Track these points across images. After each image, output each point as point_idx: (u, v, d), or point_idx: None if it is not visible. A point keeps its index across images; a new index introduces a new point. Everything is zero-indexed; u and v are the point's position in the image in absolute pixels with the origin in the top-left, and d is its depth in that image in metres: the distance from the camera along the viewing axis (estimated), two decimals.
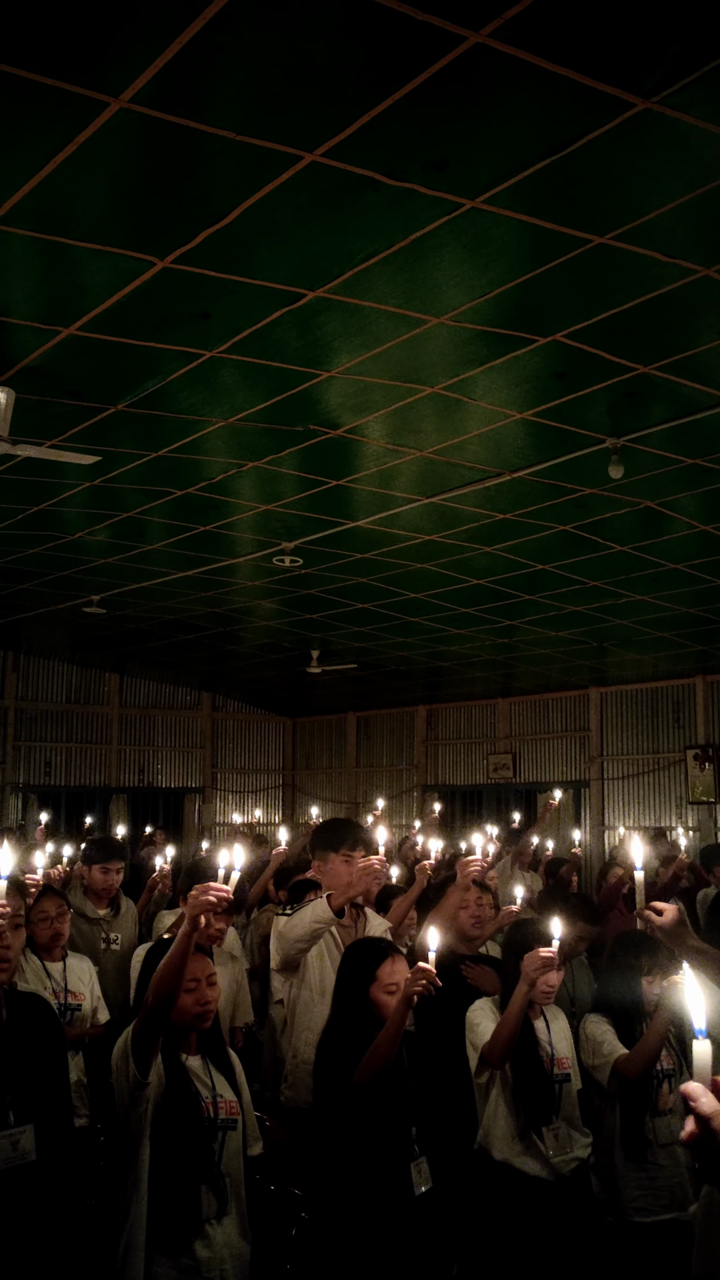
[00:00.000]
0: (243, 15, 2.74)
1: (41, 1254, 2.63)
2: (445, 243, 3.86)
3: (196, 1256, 2.94)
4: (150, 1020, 2.95)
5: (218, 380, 5.08)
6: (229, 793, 15.42)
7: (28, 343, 4.61)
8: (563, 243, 3.85)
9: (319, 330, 4.57)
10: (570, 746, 13.23)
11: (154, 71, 2.93)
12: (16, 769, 13.78)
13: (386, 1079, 3.26)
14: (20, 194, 3.48)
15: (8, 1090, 2.65)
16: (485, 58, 2.86)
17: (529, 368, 4.90)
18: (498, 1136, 3.77)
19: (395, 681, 13.64)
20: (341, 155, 3.30)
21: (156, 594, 9.71)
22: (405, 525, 7.42)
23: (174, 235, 3.77)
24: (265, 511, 7.21)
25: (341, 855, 4.35)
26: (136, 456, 6.13)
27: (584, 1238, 3.72)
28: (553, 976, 3.78)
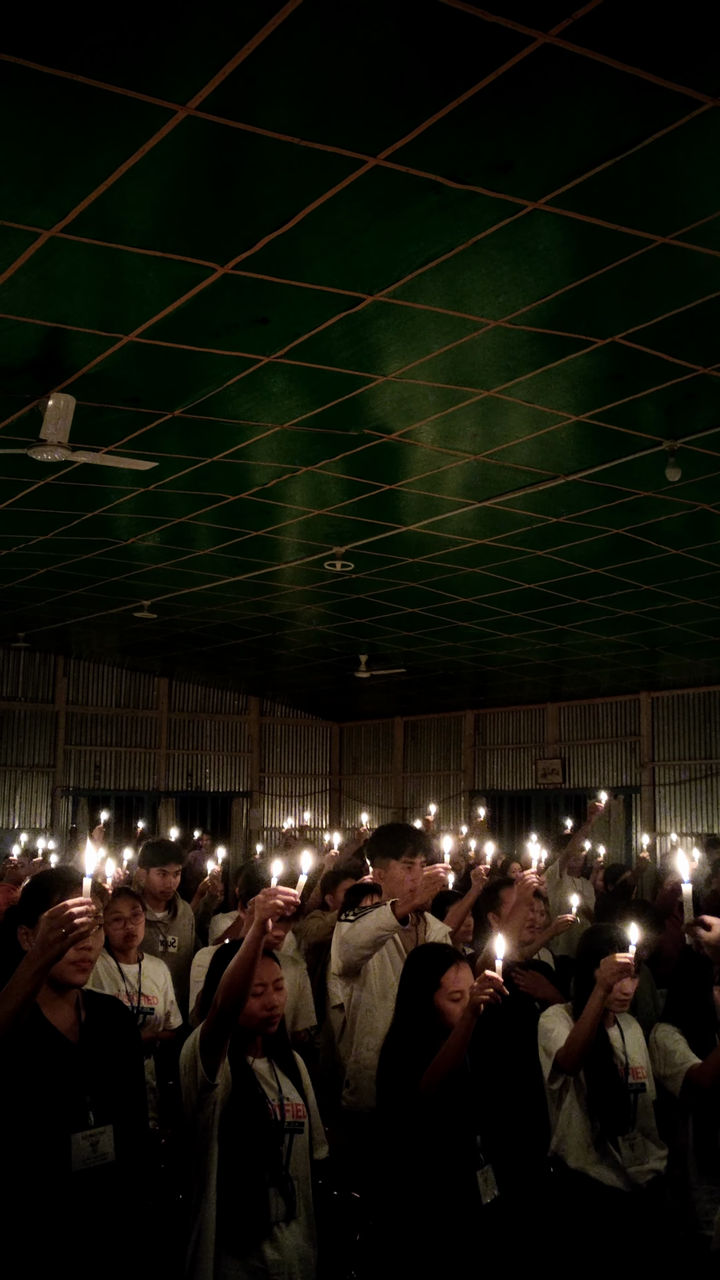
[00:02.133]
0: (308, 21, 2.75)
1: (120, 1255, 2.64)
2: (504, 245, 3.85)
3: (265, 1259, 2.94)
4: (219, 1023, 2.96)
5: (273, 386, 5.10)
6: (276, 797, 15.46)
7: (88, 350, 4.65)
8: (624, 243, 3.82)
9: (375, 335, 4.57)
10: (620, 752, 13.12)
11: (220, 79, 2.95)
12: (67, 772, 13.90)
13: (451, 1087, 3.24)
14: (85, 203, 3.52)
15: (88, 1091, 2.67)
16: (553, 58, 2.85)
17: (586, 370, 4.87)
18: (573, 1145, 3.73)
19: (443, 686, 13.61)
20: (405, 159, 3.30)
21: (206, 599, 9.76)
22: (456, 529, 7.40)
23: (235, 241, 3.78)
24: (316, 516, 7.22)
25: (403, 862, 4.33)
26: (190, 462, 6.17)
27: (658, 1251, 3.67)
28: (628, 984, 3.74)
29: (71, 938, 2.42)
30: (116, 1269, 2.62)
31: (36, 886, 2.81)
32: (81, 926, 2.41)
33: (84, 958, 2.70)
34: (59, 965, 2.62)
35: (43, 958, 2.42)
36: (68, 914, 2.40)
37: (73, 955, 2.64)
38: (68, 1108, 2.63)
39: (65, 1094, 2.63)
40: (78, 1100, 2.64)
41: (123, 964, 4.60)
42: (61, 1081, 2.64)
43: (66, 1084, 2.64)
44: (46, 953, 2.42)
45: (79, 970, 2.70)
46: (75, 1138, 2.61)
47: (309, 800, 15.68)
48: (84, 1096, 2.65)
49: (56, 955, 2.44)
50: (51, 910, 2.43)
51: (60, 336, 4.51)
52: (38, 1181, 2.56)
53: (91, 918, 2.42)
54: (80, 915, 2.40)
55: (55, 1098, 2.61)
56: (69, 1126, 2.61)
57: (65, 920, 2.39)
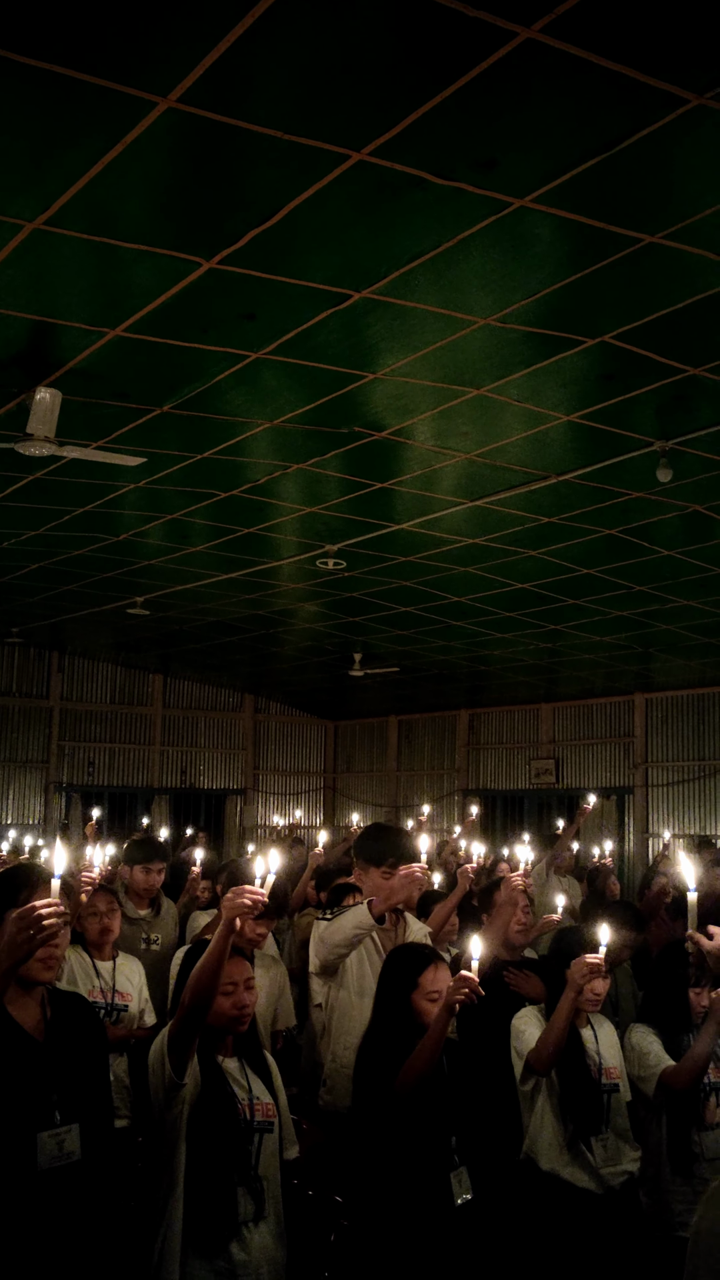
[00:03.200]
0: (290, 13, 2.73)
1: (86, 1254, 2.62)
2: (492, 243, 3.83)
3: (233, 1259, 2.92)
4: (186, 1022, 2.93)
5: (263, 382, 5.08)
6: (270, 795, 15.44)
7: (75, 344, 4.63)
8: (612, 242, 3.80)
9: (364, 331, 4.55)
10: (614, 752, 13.11)
11: (201, 71, 2.93)
12: (60, 768, 13.89)
13: (427, 1087, 3.23)
14: (68, 195, 3.50)
15: (54, 1090, 2.65)
16: (537, 54, 2.83)
17: (576, 369, 4.85)
18: (544, 1146, 3.72)
19: (437, 685, 13.59)
20: (389, 154, 3.28)
21: (200, 596, 9.75)
22: (449, 528, 7.38)
23: (220, 236, 3.76)
24: (309, 514, 7.21)
25: (382, 871, 4.31)
26: (182, 458, 6.15)
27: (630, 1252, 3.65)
28: (599, 984, 3.72)
29: (40, 939, 2.39)
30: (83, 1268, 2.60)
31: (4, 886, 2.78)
32: (50, 928, 2.38)
33: (51, 955, 2.68)
34: (28, 964, 2.60)
35: (10, 959, 2.41)
36: (36, 915, 2.37)
37: (40, 953, 2.62)
38: (33, 1106, 2.61)
39: (31, 1092, 2.61)
40: (44, 1099, 2.62)
41: (98, 960, 4.58)
42: (27, 1080, 2.62)
43: (32, 1082, 2.62)
44: (14, 954, 2.40)
45: (46, 968, 2.68)
46: (41, 1136, 2.59)
47: (303, 799, 15.67)
48: (50, 1095, 2.62)
49: (24, 957, 2.42)
50: (19, 911, 2.40)
51: (46, 330, 4.50)
52: (3, 1180, 2.53)
53: (60, 918, 2.40)
54: (49, 916, 2.37)
55: (21, 1096, 2.59)
56: (35, 1125, 2.59)
57: (33, 921, 2.37)
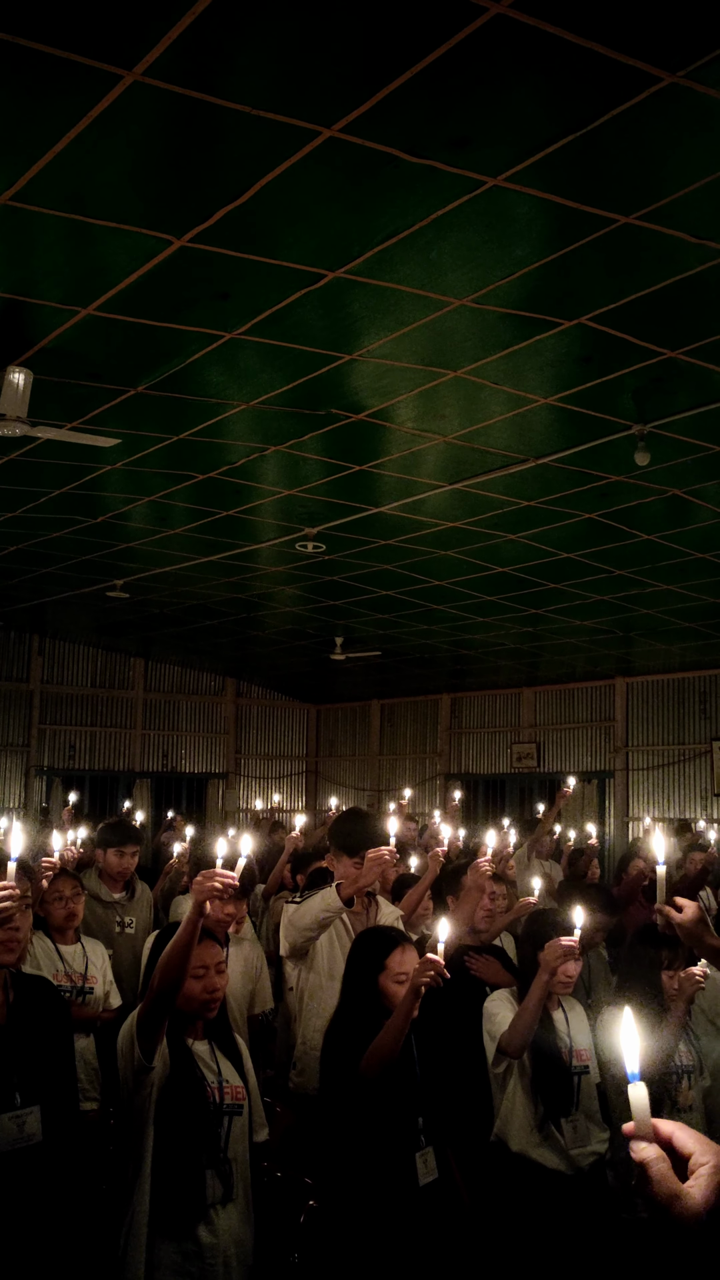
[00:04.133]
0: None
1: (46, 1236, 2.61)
2: (467, 222, 3.79)
3: (200, 1241, 2.92)
4: (155, 1005, 2.92)
5: (239, 362, 5.04)
6: (252, 778, 15.44)
7: (46, 323, 4.58)
8: (587, 222, 3.77)
9: (340, 312, 4.51)
10: (595, 736, 13.14)
11: (168, 43, 2.88)
12: (41, 752, 13.84)
13: (394, 1069, 3.23)
14: (35, 169, 3.45)
15: (14, 1072, 2.64)
16: (507, 30, 2.80)
17: (554, 351, 4.83)
18: (515, 1127, 3.73)
19: (419, 669, 13.59)
20: (361, 131, 3.24)
21: (180, 579, 9.70)
22: (429, 511, 7.36)
23: (191, 213, 3.72)
24: (288, 496, 7.17)
25: (355, 861, 4.30)
26: (159, 440, 6.10)
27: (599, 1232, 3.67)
28: (571, 967, 3.73)
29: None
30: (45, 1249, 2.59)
31: None
32: (5, 910, 2.37)
33: (11, 938, 2.66)
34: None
35: None
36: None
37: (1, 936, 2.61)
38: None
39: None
40: (4, 1080, 2.61)
41: (60, 945, 4.57)
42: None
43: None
44: None
45: (6, 950, 2.67)
46: (1, 1118, 2.58)
47: (286, 782, 15.67)
48: (10, 1077, 2.62)
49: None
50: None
51: (16, 308, 4.44)
52: None
53: (16, 901, 2.39)
54: (4, 899, 2.36)
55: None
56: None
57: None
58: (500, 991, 3.95)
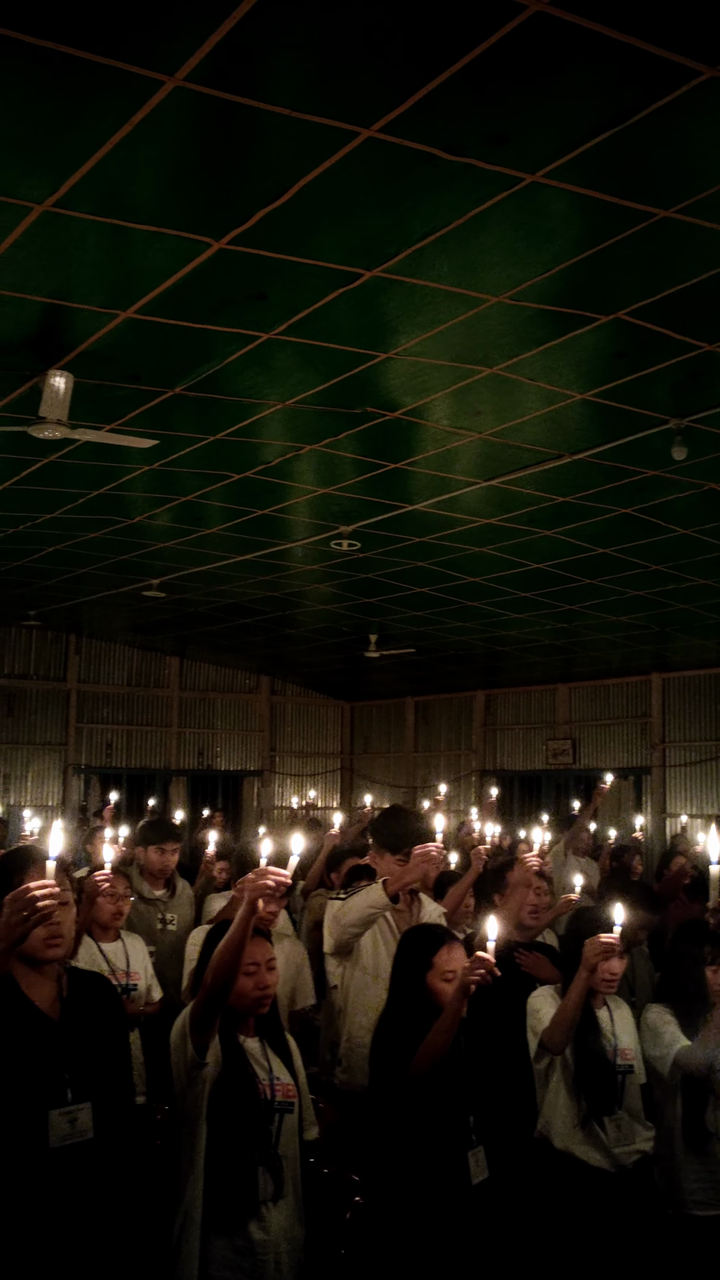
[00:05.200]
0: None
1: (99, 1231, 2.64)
2: (504, 219, 3.79)
3: (252, 1238, 2.94)
4: (208, 1002, 2.95)
5: (275, 362, 5.06)
6: (287, 776, 15.48)
7: (86, 327, 4.62)
8: (625, 217, 3.76)
9: (376, 311, 4.52)
10: (631, 732, 13.07)
11: (208, 49, 2.90)
12: (78, 750, 13.95)
13: (444, 1067, 3.24)
14: (77, 176, 3.48)
15: (66, 1068, 2.66)
16: (547, 26, 2.79)
17: (590, 347, 4.82)
18: (559, 1125, 3.73)
19: (454, 666, 13.57)
20: (399, 131, 3.25)
21: (215, 578, 9.75)
22: (464, 508, 7.35)
23: (230, 216, 3.74)
24: (323, 495, 7.19)
25: (398, 859, 4.32)
26: (195, 440, 6.14)
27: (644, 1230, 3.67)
28: (615, 964, 3.72)
29: (34, 920, 2.41)
30: (97, 1246, 2.62)
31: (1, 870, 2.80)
32: (45, 909, 2.40)
33: (54, 934, 2.68)
34: (31, 944, 2.62)
35: (6, 940, 2.42)
36: (30, 896, 2.39)
37: (42, 933, 2.63)
38: (45, 1084, 2.62)
39: (43, 1071, 2.63)
40: (56, 1077, 2.64)
41: (102, 943, 4.61)
42: (40, 1058, 2.63)
43: (45, 1061, 2.64)
44: (10, 935, 2.42)
45: (50, 946, 2.69)
46: (53, 1114, 2.61)
47: (320, 780, 15.70)
48: (62, 1073, 2.64)
49: (20, 938, 2.44)
50: (14, 893, 2.42)
51: (57, 313, 4.49)
52: (15, 1158, 2.56)
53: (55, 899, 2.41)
54: (43, 897, 2.39)
55: (33, 1074, 2.61)
56: (47, 1103, 2.61)
57: (27, 903, 2.38)
58: (544, 988, 3.95)
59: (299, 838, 3.14)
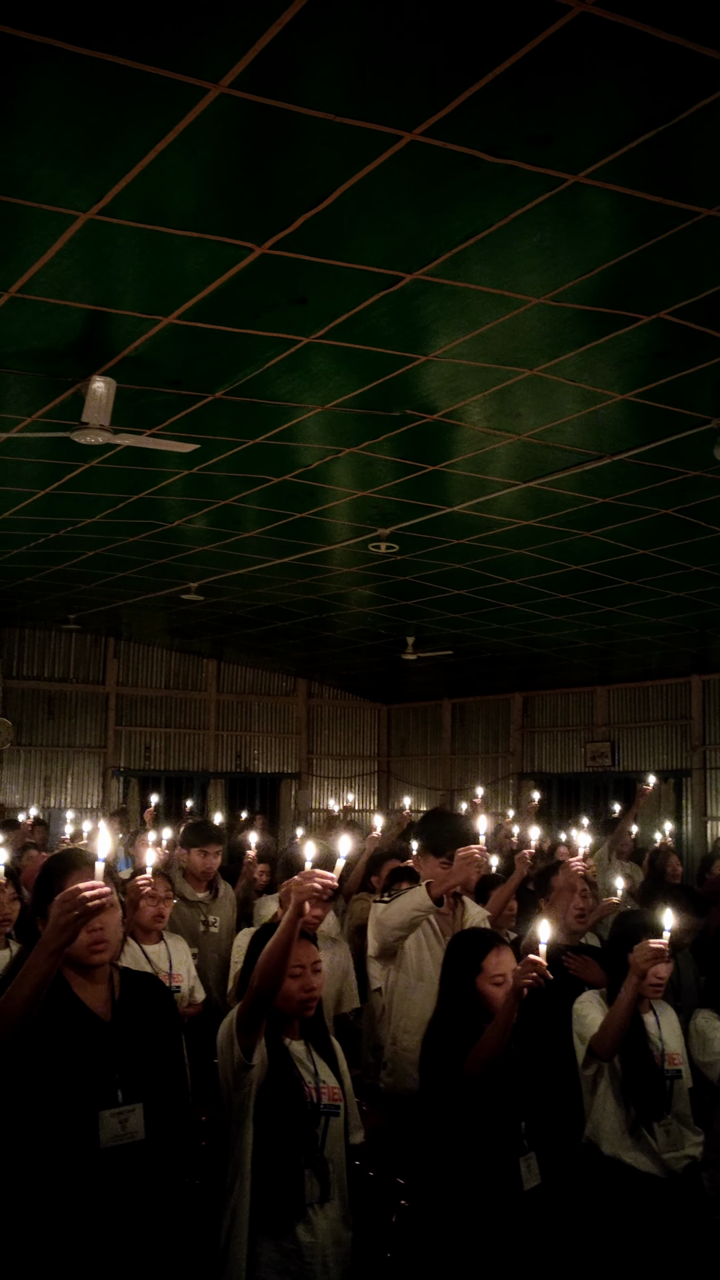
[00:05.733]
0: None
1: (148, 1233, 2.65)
2: (546, 220, 3.78)
3: (299, 1241, 2.95)
4: (255, 1004, 2.96)
5: (314, 366, 5.07)
6: (324, 778, 15.51)
7: (128, 333, 4.65)
8: (668, 216, 3.74)
9: (416, 314, 4.52)
10: (671, 735, 12.97)
11: (252, 55, 2.92)
12: (117, 753, 14.05)
13: (495, 1072, 3.23)
14: (122, 184, 3.51)
15: (117, 1069, 2.67)
16: (592, 27, 2.78)
17: (631, 347, 4.79)
18: (607, 1131, 3.71)
19: (491, 668, 13.54)
20: (442, 134, 3.25)
21: (252, 581, 9.79)
22: (502, 510, 7.33)
23: (272, 221, 3.76)
24: (361, 498, 7.20)
25: (441, 862, 4.31)
26: (233, 444, 6.17)
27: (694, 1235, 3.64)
28: (662, 969, 3.70)
29: (82, 920, 2.42)
30: (146, 1246, 2.63)
31: (49, 872, 2.81)
32: (93, 910, 2.41)
33: (99, 939, 2.69)
34: (77, 948, 2.63)
35: (56, 941, 2.43)
36: (79, 897, 2.40)
37: (86, 938, 2.64)
38: (96, 1085, 2.63)
39: (94, 1071, 2.64)
40: (107, 1078, 2.65)
41: (145, 945, 4.63)
42: (91, 1059, 2.64)
43: (96, 1062, 2.65)
44: (59, 936, 2.42)
45: (95, 952, 2.70)
46: (103, 1115, 2.61)
47: (356, 782, 15.71)
48: (113, 1074, 2.65)
49: (69, 939, 2.45)
50: (63, 894, 2.43)
51: (100, 319, 4.52)
52: (66, 1158, 2.57)
53: (103, 900, 2.42)
54: (92, 898, 2.40)
55: (84, 1075, 2.62)
56: (97, 1104, 2.62)
57: (77, 903, 2.40)
58: (589, 993, 3.92)
59: (346, 840, 3.14)
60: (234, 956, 4.65)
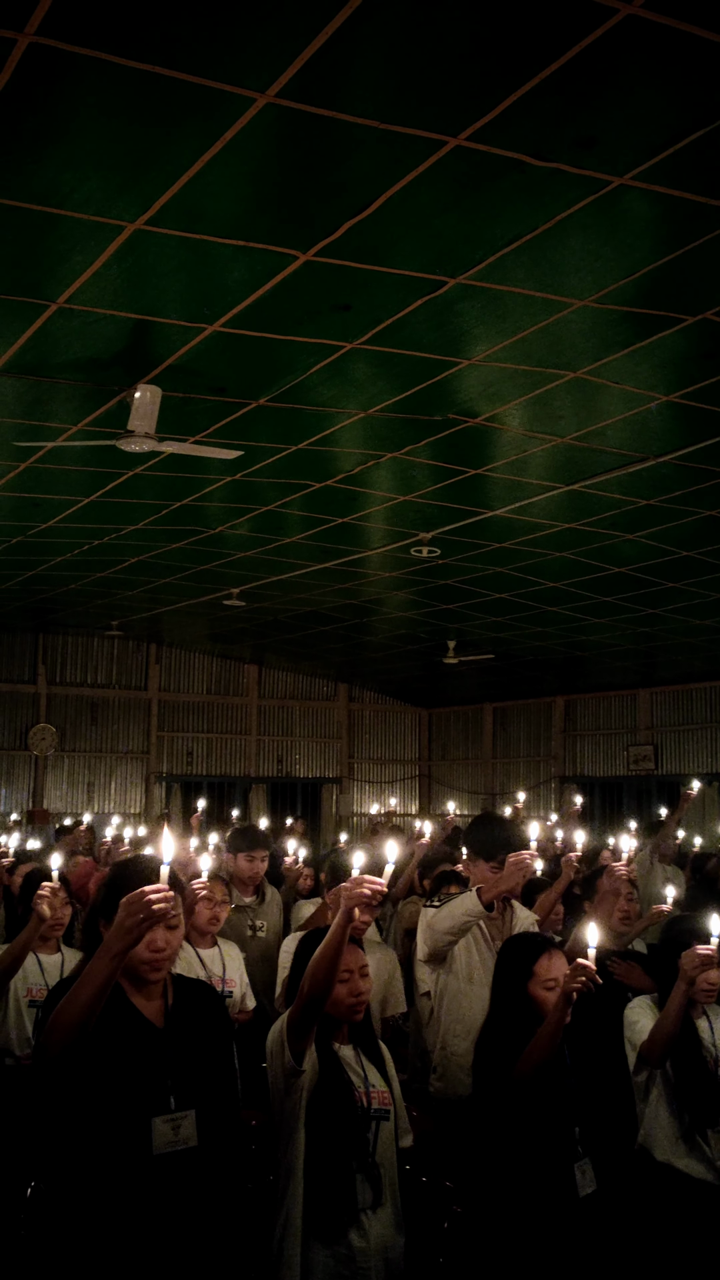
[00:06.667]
0: (385, 3, 2.72)
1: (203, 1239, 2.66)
2: (590, 223, 3.77)
3: (352, 1246, 2.94)
4: (305, 1009, 2.97)
5: (357, 372, 5.09)
6: (365, 783, 15.51)
7: (173, 341, 4.69)
8: (713, 217, 3.72)
9: (458, 318, 4.53)
10: (715, 737, 12.85)
11: (299, 65, 2.94)
12: (160, 758, 14.14)
13: (548, 1076, 3.21)
14: (169, 195, 3.54)
15: (169, 1075, 2.68)
16: (638, 29, 2.78)
17: (676, 348, 4.76)
18: (660, 1138, 3.68)
19: (532, 672, 13.49)
20: (486, 138, 3.25)
21: (294, 586, 9.82)
22: (543, 513, 7.31)
23: (316, 228, 3.78)
24: (402, 502, 7.21)
25: (492, 866, 4.30)
26: (276, 450, 6.20)
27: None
28: (713, 974, 3.66)
29: (149, 924, 2.43)
30: (199, 1252, 2.63)
31: (116, 878, 2.82)
32: (159, 913, 2.42)
33: (158, 958, 2.68)
34: (135, 963, 2.63)
35: (120, 943, 2.44)
36: (145, 900, 2.41)
37: (146, 955, 2.65)
38: (149, 1092, 2.63)
39: (147, 1078, 2.63)
40: (159, 1084, 2.65)
41: (200, 949, 4.64)
42: (144, 1065, 2.64)
43: (149, 1068, 2.64)
44: (124, 939, 2.43)
45: (153, 968, 2.70)
46: (156, 1121, 2.61)
47: (398, 786, 15.70)
48: (166, 1080, 2.65)
49: (133, 942, 2.46)
50: (129, 896, 2.44)
51: (146, 328, 4.57)
52: (119, 1165, 2.56)
53: (169, 905, 2.43)
54: (158, 901, 2.41)
55: (137, 1082, 2.62)
56: (150, 1110, 2.61)
57: (143, 906, 2.41)
58: (640, 999, 3.89)
59: (394, 845, 3.14)
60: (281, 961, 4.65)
